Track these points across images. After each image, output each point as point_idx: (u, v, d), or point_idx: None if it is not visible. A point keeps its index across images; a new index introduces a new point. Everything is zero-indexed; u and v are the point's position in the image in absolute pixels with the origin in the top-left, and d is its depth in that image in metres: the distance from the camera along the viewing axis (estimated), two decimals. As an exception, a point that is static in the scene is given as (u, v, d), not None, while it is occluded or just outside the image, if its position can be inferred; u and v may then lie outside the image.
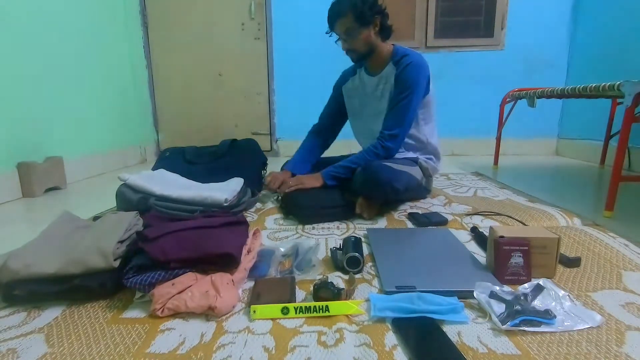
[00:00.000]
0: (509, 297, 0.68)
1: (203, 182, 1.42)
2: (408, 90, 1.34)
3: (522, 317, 0.63)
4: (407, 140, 1.45)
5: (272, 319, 0.67)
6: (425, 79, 1.38)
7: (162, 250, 0.75)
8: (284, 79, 2.93)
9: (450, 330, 0.63)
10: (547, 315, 0.64)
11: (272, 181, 1.41)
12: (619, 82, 1.31)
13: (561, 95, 1.74)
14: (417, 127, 1.45)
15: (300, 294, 0.77)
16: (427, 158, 1.49)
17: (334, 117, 1.66)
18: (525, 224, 1.18)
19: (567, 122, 2.86)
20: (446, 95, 2.84)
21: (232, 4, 2.85)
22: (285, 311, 0.68)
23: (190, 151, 1.71)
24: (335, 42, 1.39)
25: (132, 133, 2.73)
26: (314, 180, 1.36)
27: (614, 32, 2.36)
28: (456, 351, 0.57)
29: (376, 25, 1.34)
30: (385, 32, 1.38)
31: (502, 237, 0.80)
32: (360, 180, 1.24)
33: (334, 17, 1.32)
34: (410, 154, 1.46)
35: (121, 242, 0.81)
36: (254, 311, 0.68)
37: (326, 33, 1.38)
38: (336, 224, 1.23)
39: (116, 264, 0.76)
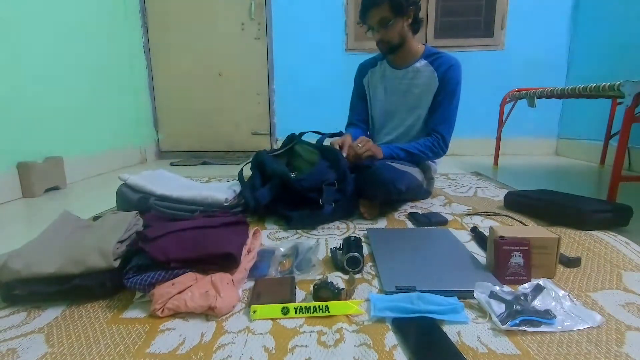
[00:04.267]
0: (509, 297, 0.68)
1: None
2: (454, 93, 1.38)
3: (522, 317, 0.63)
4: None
5: (272, 319, 0.67)
6: None
7: (162, 250, 0.75)
8: (284, 79, 2.93)
9: (450, 330, 0.63)
10: (547, 315, 0.64)
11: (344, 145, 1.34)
12: (619, 82, 1.32)
13: (561, 95, 1.74)
14: None
15: (300, 294, 0.77)
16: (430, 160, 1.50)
17: (366, 108, 1.62)
18: (525, 224, 1.18)
19: (567, 122, 2.86)
20: (446, 95, 2.84)
21: (232, 4, 2.85)
22: (285, 311, 0.68)
23: None
24: (366, 32, 1.38)
25: (132, 133, 2.73)
26: (376, 150, 1.33)
27: (614, 32, 2.36)
28: (456, 351, 0.57)
29: (409, 17, 1.34)
30: (417, 24, 1.38)
31: (502, 237, 0.80)
32: (363, 180, 1.24)
33: (369, 6, 1.31)
34: None
35: (121, 242, 0.81)
36: (254, 311, 0.68)
37: (357, 24, 1.38)
38: (336, 224, 1.23)
39: (116, 264, 0.76)
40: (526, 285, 0.74)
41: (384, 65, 1.51)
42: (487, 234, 0.95)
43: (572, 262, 0.87)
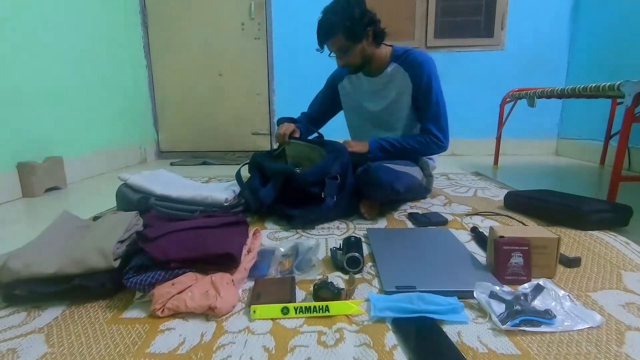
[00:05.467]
0: (509, 297, 0.68)
1: None
2: (430, 88, 1.36)
3: (522, 317, 0.63)
4: None
5: (272, 319, 0.67)
6: (438, 75, 1.40)
7: (162, 250, 0.75)
8: (284, 79, 2.93)
9: (450, 330, 0.63)
10: (547, 315, 0.64)
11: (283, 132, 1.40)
12: (619, 82, 1.32)
13: (561, 95, 1.74)
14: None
15: (300, 294, 0.77)
16: (428, 157, 1.49)
17: (324, 109, 1.66)
18: (525, 224, 1.18)
19: (567, 122, 2.86)
20: (446, 95, 2.82)
21: (232, 4, 2.85)
22: (285, 311, 0.68)
23: None
24: (329, 55, 1.35)
25: (132, 133, 2.73)
26: (362, 146, 1.34)
27: (614, 32, 2.36)
28: (456, 351, 0.57)
29: (369, 36, 1.31)
30: (379, 38, 1.34)
31: (502, 237, 0.80)
32: (361, 182, 1.24)
33: (323, 38, 1.28)
34: None
35: (121, 242, 0.81)
36: (254, 311, 0.68)
37: (317, 50, 1.33)
38: (336, 223, 1.23)
39: (116, 264, 0.76)
40: (526, 285, 0.74)
41: (360, 75, 1.49)
42: (487, 234, 0.95)
43: (572, 262, 0.87)
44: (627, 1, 2.24)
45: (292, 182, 1.23)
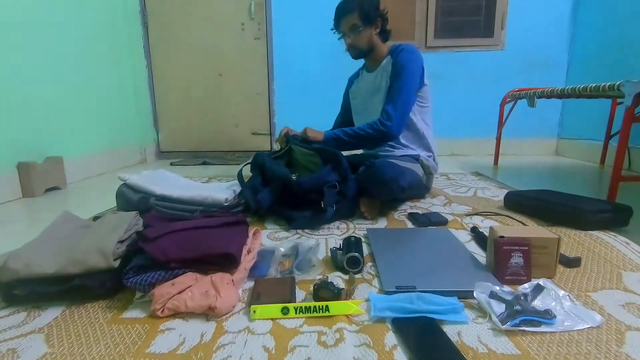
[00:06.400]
0: (509, 297, 0.68)
1: None
2: (400, 72, 1.39)
3: (522, 317, 0.63)
4: (404, 131, 1.47)
5: (272, 319, 0.67)
6: (418, 66, 1.41)
7: (162, 250, 0.75)
8: (284, 79, 2.93)
9: (450, 330, 0.63)
10: (547, 315, 0.64)
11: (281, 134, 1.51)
12: (619, 82, 1.32)
13: (561, 95, 1.74)
14: (412, 118, 1.47)
15: (300, 294, 0.77)
16: (428, 156, 1.50)
17: (347, 120, 1.74)
18: (525, 224, 1.18)
19: (567, 122, 2.86)
20: (446, 95, 2.84)
21: (232, 4, 2.85)
22: (285, 311, 0.68)
23: None
24: (339, 39, 1.47)
25: (132, 133, 2.73)
26: (317, 134, 1.44)
27: (614, 32, 2.36)
28: (456, 351, 0.57)
29: (377, 27, 1.43)
30: (385, 34, 1.47)
31: (502, 237, 0.80)
32: (365, 179, 1.24)
33: (341, 14, 1.41)
34: (411, 151, 1.47)
35: (121, 242, 0.81)
36: (254, 311, 0.68)
37: (331, 30, 1.46)
38: (336, 224, 1.23)
39: (116, 264, 0.76)
40: (526, 285, 0.74)
41: (363, 72, 1.61)
42: (487, 234, 0.95)
43: (572, 262, 0.87)
44: (627, 1, 2.24)
45: (289, 188, 1.24)
